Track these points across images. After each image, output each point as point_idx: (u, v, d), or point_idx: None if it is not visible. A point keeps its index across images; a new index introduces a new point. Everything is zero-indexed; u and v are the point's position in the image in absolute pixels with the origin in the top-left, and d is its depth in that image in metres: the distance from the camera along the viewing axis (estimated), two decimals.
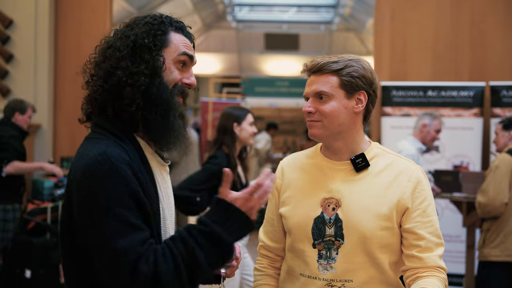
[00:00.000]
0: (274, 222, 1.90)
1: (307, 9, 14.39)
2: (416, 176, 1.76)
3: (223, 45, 15.68)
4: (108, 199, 1.40)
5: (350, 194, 1.74)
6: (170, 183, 1.71)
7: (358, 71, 1.74)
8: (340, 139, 1.77)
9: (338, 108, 1.73)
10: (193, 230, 1.44)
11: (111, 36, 1.61)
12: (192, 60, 1.63)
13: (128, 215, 1.41)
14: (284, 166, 1.91)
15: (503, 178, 3.96)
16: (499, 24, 5.85)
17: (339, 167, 1.78)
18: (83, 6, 6.35)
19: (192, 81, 1.62)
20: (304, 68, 1.82)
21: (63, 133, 6.34)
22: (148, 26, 1.58)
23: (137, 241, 1.40)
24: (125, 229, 1.40)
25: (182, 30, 1.63)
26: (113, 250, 1.38)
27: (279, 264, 1.93)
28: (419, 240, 1.71)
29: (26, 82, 6.17)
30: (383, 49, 6.04)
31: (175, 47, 1.59)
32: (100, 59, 1.58)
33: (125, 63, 1.52)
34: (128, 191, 1.42)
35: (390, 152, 1.84)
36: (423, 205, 1.73)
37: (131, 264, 1.38)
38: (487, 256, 4.06)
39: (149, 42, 1.54)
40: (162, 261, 1.39)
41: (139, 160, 1.53)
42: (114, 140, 1.51)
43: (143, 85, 1.51)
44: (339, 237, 1.72)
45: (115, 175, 1.41)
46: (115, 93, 1.52)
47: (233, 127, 3.52)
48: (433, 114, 4.75)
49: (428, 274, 1.69)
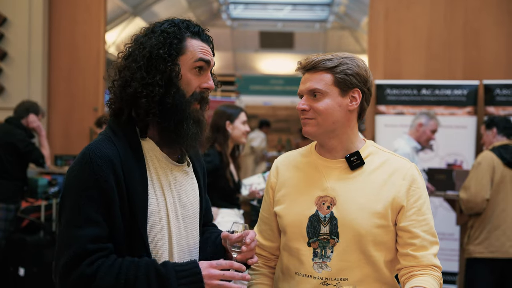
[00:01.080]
0: (268, 221, 1.89)
1: (302, 7, 14.40)
2: (411, 174, 1.75)
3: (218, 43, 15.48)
4: (75, 191, 1.50)
5: (345, 192, 1.73)
6: (192, 184, 1.73)
7: (352, 68, 1.73)
8: (335, 137, 1.77)
9: (332, 105, 1.73)
10: (150, 264, 1.49)
11: (132, 43, 1.64)
12: (209, 65, 1.65)
13: (89, 209, 1.48)
14: (279, 164, 1.90)
15: (484, 175, 4.01)
16: (492, 23, 5.87)
17: (334, 165, 1.78)
18: (77, 4, 6.33)
19: (210, 85, 1.64)
20: (298, 66, 1.81)
21: (57, 131, 6.32)
22: (164, 36, 1.59)
23: (88, 235, 1.46)
24: (81, 221, 1.47)
25: (199, 35, 1.64)
26: (64, 239, 1.48)
27: (274, 263, 1.93)
28: (414, 239, 1.71)
29: (20, 80, 6.15)
30: (378, 48, 6.06)
31: (191, 54, 1.61)
32: (121, 66, 1.62)
33: (141, 74, 1.56)
34: (97, 185, 1.48)
35: (385, 150, 1.83)
36: (418, 203, 1.73)
37: (71, 259, 1.44)
38: (472, 253, 4.09)
39: (164, 52, 1.57)
40: (104, 272, 1.45)
41: (133, 158, 1.56)
42: (109, 136, 1.57)
43: (157, 95, 1.56)
44: (334, 235, 1.71)
45: (89, 169, 1.49)
46: (131, 102, 1.58)
47: (225, 125, 3.52)
48: (430, 113, 4.76)
49: (422, 272, 1.69)
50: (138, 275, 1.46)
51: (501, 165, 4.04)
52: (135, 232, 1.53)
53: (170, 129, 1.59)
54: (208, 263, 1.53)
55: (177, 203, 1.65)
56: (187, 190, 1.69)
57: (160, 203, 1.59)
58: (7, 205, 4.63)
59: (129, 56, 1.61)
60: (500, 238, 4.01)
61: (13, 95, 5.98)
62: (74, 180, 1.51)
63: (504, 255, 4.01)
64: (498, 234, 4.02)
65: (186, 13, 13.54)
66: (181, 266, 1.51)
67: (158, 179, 1.61)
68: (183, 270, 1.50)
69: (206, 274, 1.51)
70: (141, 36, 1.63)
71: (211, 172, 3.38)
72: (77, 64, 6.35)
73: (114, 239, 1.51)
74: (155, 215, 1.58)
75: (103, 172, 1.49)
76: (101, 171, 1.49)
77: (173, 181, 1.64)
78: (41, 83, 6.19)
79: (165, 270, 1.48)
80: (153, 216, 1.57)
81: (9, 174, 4.65)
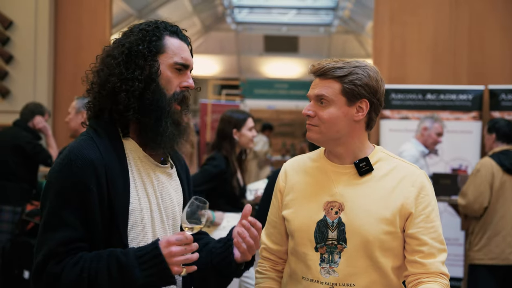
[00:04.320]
0: (276, 225, 1.89)
1: (306, 12, 14.40)
2: (420, 181, 1.75)
3: (223, 47, 15.68)
4: (53, 192, 1.50)
5: (353, 198, 1.73)
6: (176, 186, 1.72)
7: (362, 79, 1.71)
8: (341, 144, 1.76)
9: (336, 115, 1.72)
10: (112, 254, 1.46)
11: (110, 46, 1.65)
12: (189, 65, 1.65)
13: (64, 211, 1.47)
14: (288, 168, 1.90)
15: (482, 182, 4.00)
16: (498, 28, 5.86)
17: (343, 170, 1.77)
18: (83, 8, 6.35)
19: (190, 83, 1.64)
20: (310, 69, 1.80)
21: (63, 134, 6.33)
22: (143, 33, 1.60)
23: (60, 238, 1.46)
24: (55, 223, 1.47)
25: (177, 34, 1.65)
26: (39, 241, 1.49)
27: (281, 267, 1.92)
28: (422, 246, 1.70)
29: (26, 83, 6.17)
30: (382, 52, 6.05)
31: (171, 52, 1.61)
32: (99, 68, 1.62)
33: (119, 69, 1.56)
34: (75, 188, 1.48)
35: (394, 156, 1.83)
36: (426, 210, 1.72)
37: (42, 261, 1.46)
38: (472, 259, 4.09)
39: (144, 48, 1.58)
40: (68, 270, 1.45)
41: (115, 159, 1.55)
42: (91, 137, 1.57)
43: (137, 90, 1.55)
44: (342, 241, 1.71)
45: (68, 171, 1.49)
46: (111, 99, 1.57)
47: (232, 133, 3.50)
48: (434, 117, 4.76)
49: (430, 280, 1.68)
50: (99, 267, 1.45)
51: (501, 171, 4.02)
52: (115, 234, 1.52)
53: (149, 126, 1.58)
54: (166, 241, 1.46)
55: (161, 204, 1.64)
56: (171, 192, 1.68)
57: (143, 204, 1.58)
58: (13, 208, 4.64)
59: (107, 57, 1.61)
60: (499, 245, 4.00)
61: (19, 98, 5.99)
62: (53, 181, 1.51)
63: (504, 262, 3.99)
64: (497, 241, 4.00)
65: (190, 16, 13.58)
66: (142, 251, 1.47)
67: (141, 179, 1.60)
68: (145, 254, 1.46)
69: (167, 253, 1.45)
70: (119, 38, 1.64)
71: (217, 176, 3.38)
72: (82, 67, 6.30)
73: (92, 240, 1.50)
74: (137, 216, 1.56)
75: (82, 174, 1.48)
76: (80, 172, 1.48)
77: (156, 182, 1.64)
78: (47, 86, 6.21)
79: (126, 258, 1.45)
80: (135, 217, 1.56)
81: (16, 177, 4.67)
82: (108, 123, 1.60)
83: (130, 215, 1.55)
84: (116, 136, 1.60)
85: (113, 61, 1.58)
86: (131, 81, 1.55)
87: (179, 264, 1.47)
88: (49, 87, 6.25)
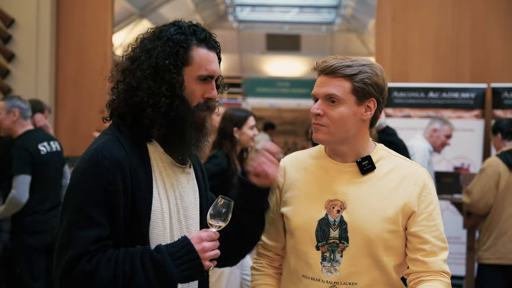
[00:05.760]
0: (273, 221, 1.86)
1: (308, 10, 14.39)
2: (422, 179, 1.74)
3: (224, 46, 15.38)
4: (80, 191, 1.50)
5: (355, 197, 1.71)
6: (193, 186, 1.73)
7: (371, 78, 1.70)
8: (346, 144, 1.74)
9: (347, 114, 1.69)
10: (145, 251, 1.49)
11: (137, 45, 1.63)
12: (214, 76, 1.64)
13: (92, 210, 1.47)
14: (287, 164, 1.87)
15: (488, 181, 3.99)
16: (500, 26, 5.85)
17: (345, 169, 1.76)
18: (85, 6, 6.35)
19: (213, 95, 1.64)
20: (314, 67, 1.76)
21: (64, 133, 6.34)
22: (170, 44, 1.58)
23: (90, 236, 1.46)
24: (84, 222, 1.47)
25: (206, 42, 1.63)
26: (66, 239, 1.47)
27: (278, 263, 1.90)
28: (424, 244, 1.70)
29: (28, 81, 6.18)
30: (385, 50, 6.04)
31: (197, 65, 1.60)
32: (126, 69, 1.61)
33: (147, 83, 1.56)
34: (102, 187, 1.48)
35: (396, 154, 1.81)
36: (428, 209, 1.72)
37: (73, 258, 1.45)
38: (480, 259, 4.08)
39: (170, 63, 1.56)
40: (102, 267, 1.45)
41: (139, 160, 1.56)
42: (116, 137, 1.56)
43: (163, 106, 1.55)
44: (344, 239, 1.70)
45: (96, 170, 1.49)
46: (136, 111, 1.58)
47: (233, 131, 3.50)
48: (444, 119, 4.76)
49: (431, 278, 1.68)
50: (134, 264, 1.46)
51: (507, 171, 4.00)
52: (136, 233, 1.53)
53: (174, 139, 1.60)
54: (198, 237, 1.53)
55: (179, 205, 1.65)
56: (189, 192, 1.69)
57: (164, 204, 1.59)
58: None
59: (134, 60, 1.60)
60: (506, 245, 3.99)
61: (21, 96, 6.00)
62: (80, 180, 1.51)
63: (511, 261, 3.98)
64: (504, 241, 3.99)
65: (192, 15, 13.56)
66: (175, 247, 1.51)
67: (162, 180, 1.61)
68: (178, 250, 1.50)
69: (200, 249, 1.51)
70: (147, 40, 1.62)
71: (218, 175, 3.37)
72: (84, 66, 6.36)
73: (114, 240, 1.51)
74: (158, 217, 1.57)
75: (110, 174, 1.49)
76: (108, 173, 1.49)
77: (175, 183, 1.65)
78: (49, 85, 6.21)
79: (160, 255, 1.48)
80: (156, 217, 1.57)
81: None
82: (132, 125, 1.60)
83: (152, 215, 1.56)
84: (140, 138, 1.60)
85: (141, 73, 1.57)
86: (158, 96, 1.55)
87: (209, 259, 1.53)
88: (50, 85, 6.25)
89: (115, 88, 1.63)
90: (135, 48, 1.63)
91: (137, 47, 1.63)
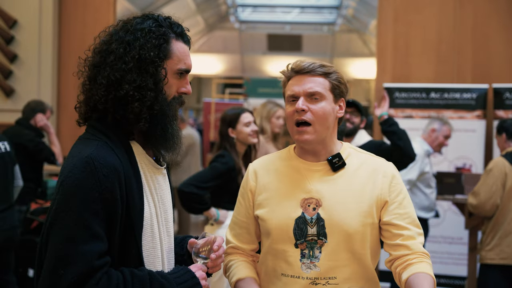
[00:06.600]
0: (245, 225, 1.91)
1: (310, 10, 14.40)
2: (390, 171, 1.83)
3: (226, 46, 15.69)
4: (79, 201, 1.39)
5: (329, 194, 1.77)
6: (168, 188, 1.69)
7: (342, 78, 1.83)
8: (323, 142, 1.81)
9: (328, 110, 1.78)
10: (155, 279, 1.47)
11: (108, 38, 1.56)
12: (188, 72, 1.63)
13: (93, 222, 1.39)
14: (257, 168, 1.91)
15: (495, 182, 3.98)
16: (502, 27, 5.85)
17: (316, 167, 1.82)
18: (87, 7, 6.36)
19: (187, 90, 1.61)
20: (291, 67, 1.85)
21: (67, 133, 6.35)
22: (151, 35, 1.53)
23: (94, 251, 1.38)
24: (85, 235, 1.38)
25: (182, 36, 1.61)
26: (63, 256, 1.36)
27: (251, 258, 1.94)
28: (401, 230, 1.76)
29: (30, 82, 6.19)
30: (386, 51, 6.05)
31: (177, 59, 1.58)
32: (98, 61, 1.54)
33: (132, 76, 1.50)
34: (102, 197, 1.40)
35: (362, 151, 1.89)
36: (399, 197, 1.79)
37: (78, 277, 1.35)
38: (484, 259, 4.07)
39: (155, 55, 1.52)
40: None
41: (129, 165, 1.51)
42: (105, 142, 1.49)
43: (149, 100, 1.51)
44: (322, 236, 1.74)
45: (94, 179, 1.40)
46: (120, 105, 1.50)
47: (228, 132, 3.50)
48: (443, 119, 4.75)
49: (419, 260, 1.73)
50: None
51: None
52: (130, 242, 1.49)
53: (157, 134, 1.55)
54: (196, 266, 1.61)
55: (161, 208, 1.61)
56: (167, 194, 1.67)
57: (152, 210, 1.56)
58: (19, 207, 4.66)
59: (109, 53, 1.52)
60: (511, 245, 3.98)
61: (23, 97, 6.01)
62: (76, 190, 1.40)
63: None
64: (509, 241, 3.99)
65: (194, 15, 13.59)
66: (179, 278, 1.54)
67: (148, 185, 1.57)
68: (184, 281, 1.53)
69: (199, 276, 1.58)
70: (121, 32, 1.54)
71: (225, 173, 3.38)
72: None
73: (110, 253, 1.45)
74: (148, 223, 1.54)
75: (109, 183, 1.41)
76: (107, 181, 1.41)
77: (157, 186, 1.61)
78: (51, 85, 6.23)
79: (168, 283, 1.49)
80: (146, 224, 1.53)
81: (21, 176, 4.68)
82: (114, 125, 1.53)
83: (144, 223, 1.52)
84: (125, 140, 1.54)
85: (124, 66, 1.49)
86: (144, 90, 1.49)
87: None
88: (53, 86, 6.26)
89: (87, 85, 1.55)
90: (106, 42, 1.55)
91: (110, 40, 1.54)
